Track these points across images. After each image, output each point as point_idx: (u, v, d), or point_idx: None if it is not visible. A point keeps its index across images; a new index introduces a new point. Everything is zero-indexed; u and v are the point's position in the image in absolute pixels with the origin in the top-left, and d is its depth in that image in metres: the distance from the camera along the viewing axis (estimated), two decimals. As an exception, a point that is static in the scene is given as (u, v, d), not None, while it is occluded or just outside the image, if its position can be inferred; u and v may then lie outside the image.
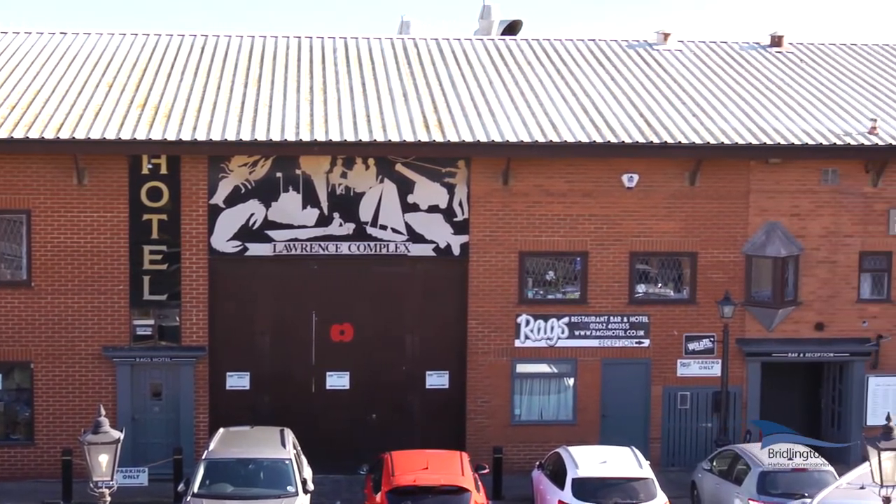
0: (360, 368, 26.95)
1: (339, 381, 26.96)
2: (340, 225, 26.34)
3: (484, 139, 25.87)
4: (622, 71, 31.41)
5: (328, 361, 26.90)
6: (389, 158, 26.26)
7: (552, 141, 25.98)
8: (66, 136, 24.94)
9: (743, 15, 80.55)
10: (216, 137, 25.28)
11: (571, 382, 27.31)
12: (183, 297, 26.14)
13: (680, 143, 26.24)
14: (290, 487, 21.81)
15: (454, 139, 25.81)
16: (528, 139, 25.97)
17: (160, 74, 29.11)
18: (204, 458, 22.52)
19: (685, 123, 27.40)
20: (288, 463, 22.31)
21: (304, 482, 22.24)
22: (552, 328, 27.02)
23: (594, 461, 22.57)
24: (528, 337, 26.99)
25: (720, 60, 32.94)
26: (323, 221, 26.29)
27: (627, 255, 27.02)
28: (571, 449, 23.34)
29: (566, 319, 27.05)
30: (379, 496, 21.41)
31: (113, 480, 15.21)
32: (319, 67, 30.35)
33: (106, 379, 26.10)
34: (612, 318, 27.10)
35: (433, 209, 26.54)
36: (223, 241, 26.15)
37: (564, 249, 26.90)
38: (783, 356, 27.42)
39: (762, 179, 27.13)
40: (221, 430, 24.10)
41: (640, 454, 23.25)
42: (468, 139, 25.83)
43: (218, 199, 26.05)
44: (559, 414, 27.41)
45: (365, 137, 25.62)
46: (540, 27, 68.28)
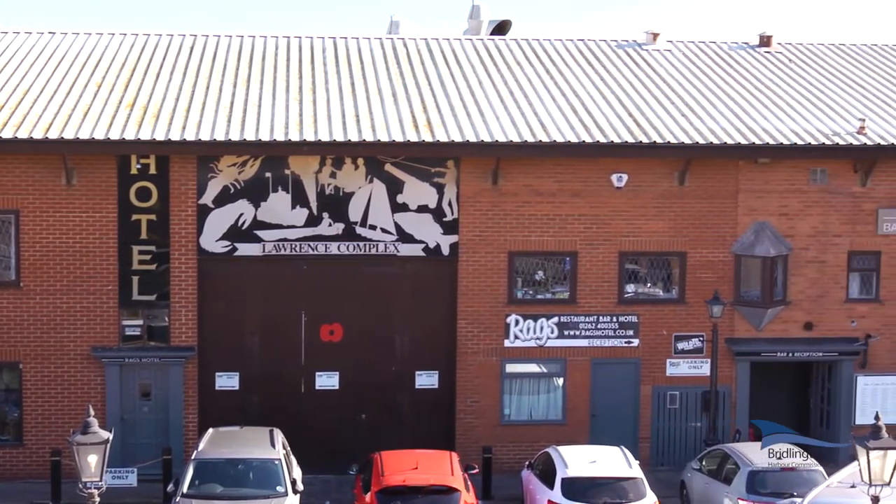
0: (349, 368, 26.92)
1: (328, 381, 26.93)
2: (330, 225, 26.32)
3: (473, 139, 25.86)
4: (611, 71, 31.42)
5: (318, 361, 26.87)
6: (379, 158, 26.24)
7: (541, 141, 25.99)
8: (54, 136, 24.88)
9: (732, 15, 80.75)
10: (205, 137, 25.23)
11: (561, 382, 27.32)
12: (172, 297, 26.10)
13: (669, 142, 26.28)
14: (279, 487, 21.77)
15: (443, 139, 25.80)
16: (517, 139, 25.97)
17: (149, 74, 29.05)
18: (193, 458, 22.46)
19: (674, 123, 27.43)
20: (277, 463, 22.27)
21: (293, 482, 22.21)
22: (542, 328, 27.03)
23: (584, 461, 22.57)
24: (517, 337, 27.00)
25: (709, 60, 32.98)
26: (312, 221, 26.27)
27: (617, 254, 27.04)
28: (561, 449, 23.34)
29: (556, 319, 27.07)
30: (368, 496, 21.40)
31: (102, 481, 15.18)
32: (308, 67, 30.31)
33: (95, 379, 26.05)
34: (601, 317, 27.12)
35: (422, 209, 26.53)
36: (212, 241, 26.11)
37: (554, 249, 26.91)
38: (772, 356, 27.49)
39: (751, 179, 27.18)
40: (211, 430, 24.04)
41: (629, 454, 23.26)
42: (457, 139, 25.82)
43: (207, 199, 26.01)
44: (549, 414, 27.43)
45: (354, 137, 25.60)
46: (529, 27, 68.38)
